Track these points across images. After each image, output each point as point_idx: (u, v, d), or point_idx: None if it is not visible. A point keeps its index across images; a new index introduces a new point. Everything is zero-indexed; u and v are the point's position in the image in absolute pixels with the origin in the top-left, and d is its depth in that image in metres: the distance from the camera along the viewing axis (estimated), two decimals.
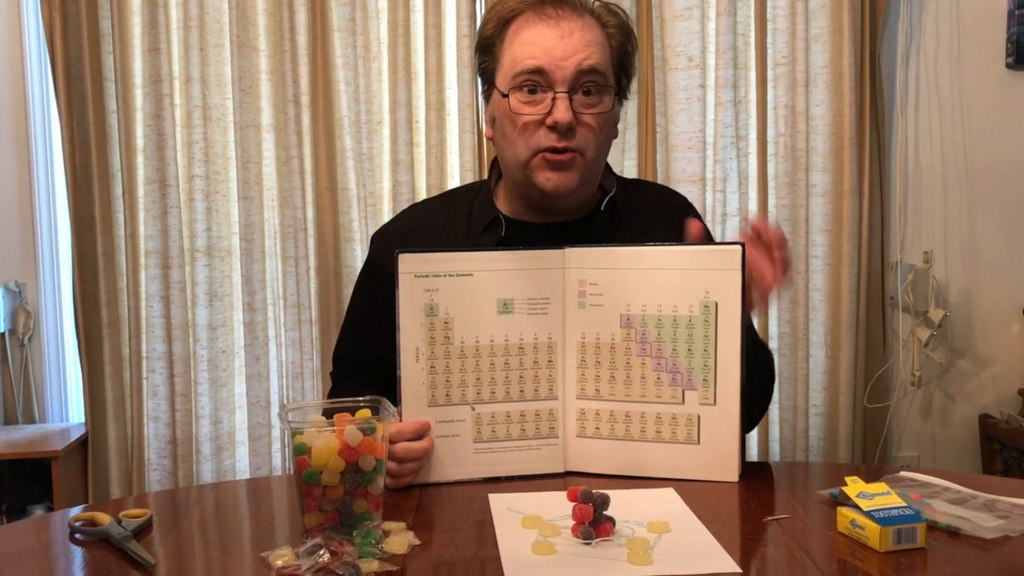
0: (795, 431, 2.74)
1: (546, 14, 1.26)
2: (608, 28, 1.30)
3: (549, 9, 1.27)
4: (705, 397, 1.19)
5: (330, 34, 2.65)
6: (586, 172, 1.31)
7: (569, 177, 1.29)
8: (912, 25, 2.78)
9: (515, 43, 1.28)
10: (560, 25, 1.26)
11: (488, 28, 1.32)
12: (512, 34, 1.29)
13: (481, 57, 1.35)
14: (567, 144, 1.27)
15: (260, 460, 2.72)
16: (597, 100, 1.28)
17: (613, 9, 1.33)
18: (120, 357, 2.71)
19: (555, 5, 1.27)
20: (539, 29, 1.26)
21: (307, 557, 0.90)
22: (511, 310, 1.22)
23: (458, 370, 1.21)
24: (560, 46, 1.25)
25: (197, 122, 2.65)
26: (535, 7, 1.27)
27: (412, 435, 1.17)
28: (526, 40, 1.27)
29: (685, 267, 1.19)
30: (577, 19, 1.27)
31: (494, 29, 1.31)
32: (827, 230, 2.68)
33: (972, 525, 0.99)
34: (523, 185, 1.33)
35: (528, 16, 1.28)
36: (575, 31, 1.26)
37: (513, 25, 1.29)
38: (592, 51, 1.26)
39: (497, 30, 1.31)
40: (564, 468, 1.23)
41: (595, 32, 1.28)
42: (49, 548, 1.02)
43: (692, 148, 2.66)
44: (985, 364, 2.85)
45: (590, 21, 1.29)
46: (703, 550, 0.95)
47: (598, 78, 1.27)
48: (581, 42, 1.26)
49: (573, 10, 1.27)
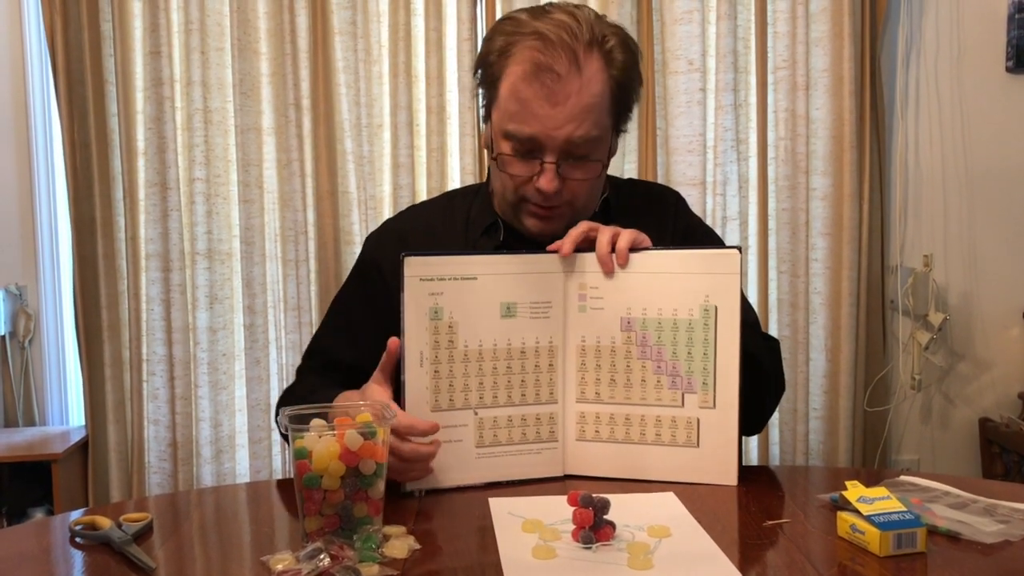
0: (795, 435, 2.74)
1: (547, 67, 1.19)
2: (613, 69, 1.24)
3: (552, 62, 1.19)
4: (704, 400, 1.19)
5: (331, 37, 2.66)
6: (573, 217, 1.28)
7: (554, 224, 1.28)
8: (912, 29, 2.78)
9: (510, 94, 1.23)
10: (556, 89, 1.20)
11: (491, 56, 1.26)
12: (511, 75, 1.22)
13: (482, 76, 1.29)
14: (553, 204, 1.27)
15: (260, 463, 2.72)
16: (586, 163, 1.26)
17: (625, 43, 1.26)
18: (120, 360, 2.72)
19: (558, 58, 1.19)
20: (534, 90, 1.20)
21: (307, 561, 0.90)
22: (514, 314, 1.21)
23: (461, 374, 1.21)
24: (552, 115, 1.21)
25: (198, 125, 2.65)
26: (539, 56, 1.20)
27: (423, 433, 1.14)
28: (519, 97, 1.22)
29: (685, 271, 1.19)
30: (576, 79, 1.20)
31: (496, 59, 1.25)
32: (827, 233, 2.69)
33: (972, 530, 0.99)
34: (509, 214, 1.33)
35: (528, 65, 1.21)
36: (571, 95, 1.20)
37: (513, 64, 1.22)
38: (584, 118, 1.22)
39: (499, 60, 1.24)
40: (564, 472, 1.23)
41: (594, 86, 1.22)
42: (49, 552, 1.02)
43: (692, 152, 2.66)
44: (985, 367, 2.85)
45: (591, 70, 1.21)
46: (703, 555, 0.95)
47: (589, 145, 1.24)
48: (575, 109, 1.21)
49: (573, 64, 1.20)
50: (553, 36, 1.20)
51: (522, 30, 1.22)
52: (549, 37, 1.20)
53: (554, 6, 1.26)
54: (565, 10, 1.24)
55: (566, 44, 1.20)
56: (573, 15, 1.23)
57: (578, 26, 1.21)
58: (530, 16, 1.24)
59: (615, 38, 1.25)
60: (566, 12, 1.23)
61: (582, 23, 1.22)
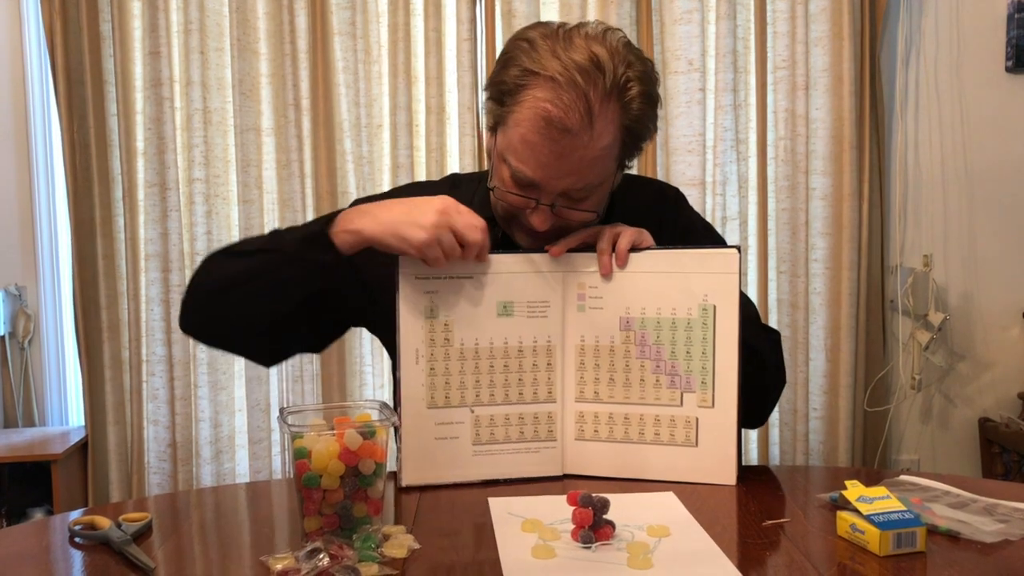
0: (795, 435, 2.74)
1: (558, 122, 1.14)
2: (627, 119, 1.18)
3: (564, 117, 1.13)
4: (703, 400, 1.19)
5: (330, 38, 2.66)
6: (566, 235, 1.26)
7: (546, 243, 1.26)
8: (912, 29, 2.78)
9: (517, 134, 1.17)
10: (564, 143, 1.15)
11: (505, 85, 1.19)
12: (521, 119, 1.16)
13: (492, 93, 1.22)
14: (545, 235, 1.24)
15: (260, 463, 2.72)
16: (583, 203, 1.22)
17: (646, 92, 1.19)
18: (120, 360, 2.72)
19: (571, 112, 1.13)
20: (541, 139, 1.15)
21: (307, 561, 0.90)
22: (511, 313, 1.22)
23: (457, 372, 1.21)
24: (555, 166, 1.16)
25: (197, 125, 2.65)
26: (551, 109, 1.13)
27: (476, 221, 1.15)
28: (526, 140, 1.16)
29: (684, 270, 1.19)
30: (586, 133, 1.14)
31: (510, 89, 1.18)
32: (827, 233, 2.69)
33: (972, 529, 0.99)
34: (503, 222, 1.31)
35: (540, 114, 1.14)
36: (577, 149, 1.15)
37: (524, 108, 1.16)
38: (588, 171, 1.18)
39: (512, 93, 1.17)
40: (562, 471, 1.23)
41: (604, 138, 1.16)
42: (49, 552, 1.02)
43: (692, 151, 2.66)
44: (985, 367, 2.85)
45: (604, 122, 1.15)
46: (703, 554, 0.95)
47: (588, 191, 1.21)
48: (579, 164, 1.16)
49: (586, 117, 1.14)
50: (570, 84, 1.13)
51: (539, 69, 1.15)
52: (565, 86, 1.13)
53: (581, 33, 1.17)
54: (590, 43, 1.16)
55: (582, 93, 1.13)
56: (596, 56, 1.14)
57: (598, 72, 1.14)
58: (551, 47, 1.16)
59: (637, 85, 1.17)
60: (590, 48, 1.15)
61: (604, 66, 1.14)
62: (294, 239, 1.20)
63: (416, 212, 1.14)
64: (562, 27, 1.19)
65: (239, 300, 1.24)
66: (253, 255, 1.23)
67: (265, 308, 1.26)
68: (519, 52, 1.18)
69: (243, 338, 1.32)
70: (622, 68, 1.16)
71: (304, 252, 1.18)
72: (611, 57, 1.15)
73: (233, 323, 1.29)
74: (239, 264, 1.24)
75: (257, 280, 1.22)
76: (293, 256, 1.19)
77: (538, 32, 1.19)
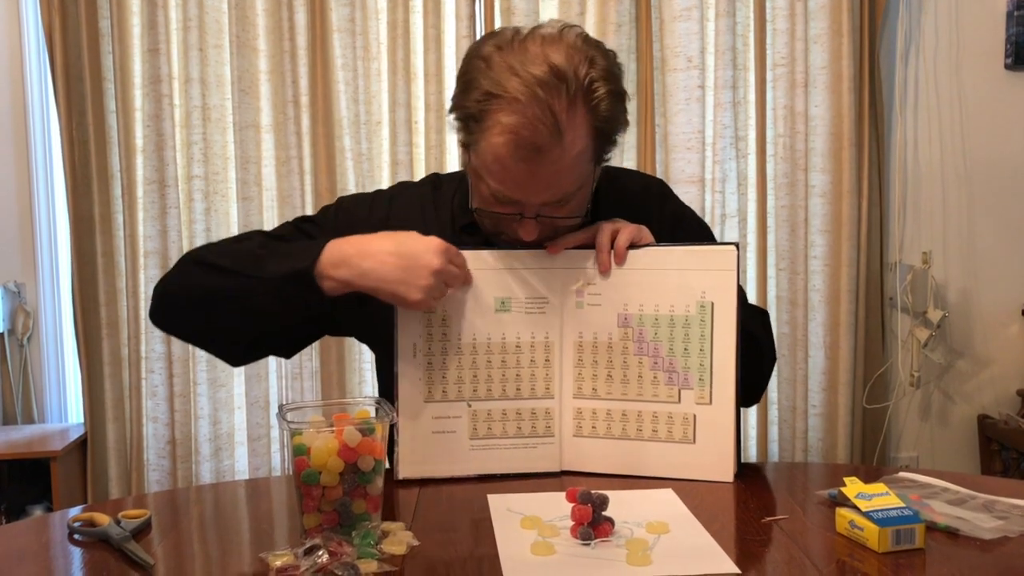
0: (794, 432, 2.74)
1: (527, 144, 1.10)
2: (597, 120, 1.15)
3: (533, 137, 1.10)
4: (701, 396, 1.19)
5: (329, 35, 2.65)
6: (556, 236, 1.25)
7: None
8: (911, 26, 2.78)
9: (491, 157, 1.14)
10: (537, 160, 1.12)
11: (470, 107, 1.15)
12: (491, 143, 1.13)
13: (459, 114, 1.19)
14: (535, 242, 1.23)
15: (259, 460, 2.72)
16: (568, 206, 1.20)
17: (614, 91, 1.16)
18: (119, 357, 2.71)
19: (538, 130, 1.10)
20: (514, 161, 1.12)
21: (306, 558, 0.90)
22: (508, 308, 1.22)
23: (455, 367, 1.21)
24: (532, 183, 1.14)
25: (196, 122, 2.65)
26: (518, 132, 1.10)
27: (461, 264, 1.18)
28: (501, 163, 1.13)
29: (682, 267, 1.20)
30: (557, 146, 1.11)
31: (475, 113, 1.14)
32: (826, 231, 2.69)
33: (971, 526, 0.99)
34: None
35: (508, 138, 1.11)
36: (552, 162, 1.12)
37: (492, 134, 1.12)
38: (564, 179, 1.15)
39: (478, 117, 1.14)
40: (560, 467, 1.23)
41: (577, 144, 1.13)
42: (48, 549, 1.02)
43: (691, 149, 2.66)
44: (984, 364, 2.85)
45: (574, 130, 1.12)
46: (702, 551, 0.95)
47: (569, 196, 1.19)
48: (555, 176, 1.14)
49: (555, 131, 1.10)
50: (533, 100, 1.09)
51: (500, 91, 1.11)
52: (529, 104, 1.09)
53: (536, 38, 1.14)
54: (546, 49, 1.12)
55: (546, 108, 1.09)
56: (554, 66, 1.10)
57: (559, 82, 1.10)
58: (507, 63, 1.12)
59: (603, 85, 1.14)
60: (547, 56, 1.11)
61: (564, 74, 1.10)
62: (277, 274, 1.16)
63: (412, 273, 1.13)
64: (516, 35, 1.15)
65: (210, 315, 1.22)
66: (232, 275, 1.19)
67: (236, 327, 1.24)
68: (477, 74, 1.14)
69: (211, 344, 1.31)
70: (583, 69, 1.12)
71: (286, 289, 1.16)
72: (569, 60, 1.11)
73: (201, 331, 1.28)
74: (216, 280, 1.20)
75: (232, 303, 1.20)
76: (274, 290, 1.16)
77: (492, 46, 1.15)
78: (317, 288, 1.15)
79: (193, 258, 1.26)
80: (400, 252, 1.14)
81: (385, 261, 1.14)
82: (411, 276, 1.13)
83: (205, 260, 1.23)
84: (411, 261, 1.13)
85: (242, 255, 1.21)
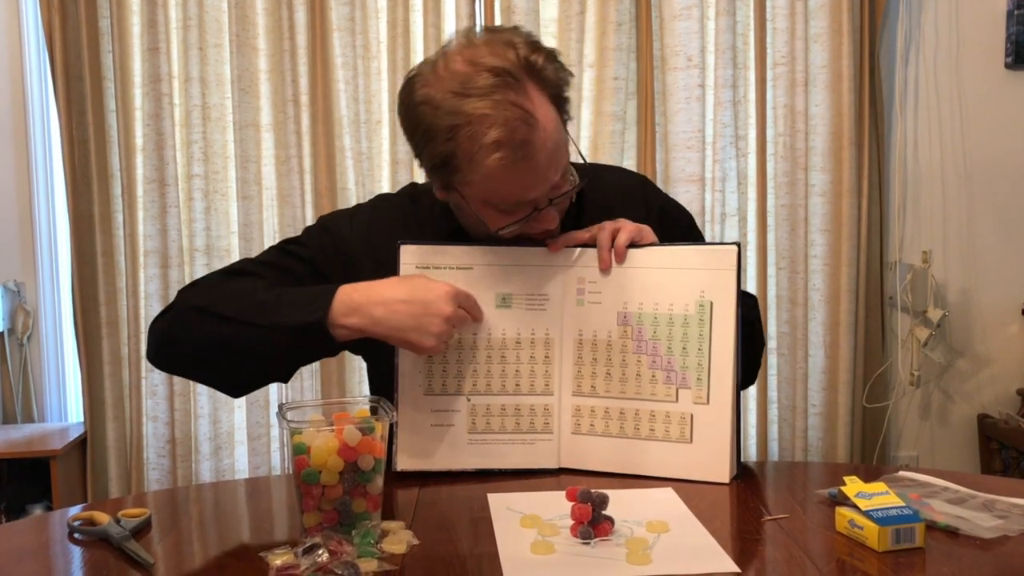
0: (794, 431, 2.74)
1: (517, 143, 1.11)
2: (550, 88, 1.16)
3: (513, 135, 1.10)
4: (698, 396, 1.19)
5: (329, 33, 2.65)
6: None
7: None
8: (911, 25, 2.78)
9: (489, 180, 1.13)
10: (528, 152, 1.12)
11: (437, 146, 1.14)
12: (480, 163, 1.12)
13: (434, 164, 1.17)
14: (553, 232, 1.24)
15: (259, 459, 2.72)
16: (564, 178, 1.21)
17: (546, 53, 1.16)
18: (119, 356, 2.71)
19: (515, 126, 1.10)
20: (514, 166, 1.12)
21: (306, 556, 0.90)
22: (509, 304, 1.22)
23: (455, 361, 1.22)
24: (537, 174, 1.15)
25: (196, 121, 2.65)
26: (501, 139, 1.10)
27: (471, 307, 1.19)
28: (504, 178, 1.13)
29: (682, 266, 1.20)
30: (536, 130, 1.12)
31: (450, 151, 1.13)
32: (826, 230, 2.69)
33: (970, 525, 0.99)
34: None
35: (499, 153, 1.10)
36: (541, 148, 1.13)
37: (479, 163, 1.11)
38: (558, 156, 1.16)
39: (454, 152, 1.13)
40: (558, 464, 1.23)
41: (550, 122, 1.14)
42: (48, 547, 1.02)
43: (691, 148, 2.66)
44: (984, 364, 2.85)
45: (541, 110, 1.13)
46: (702, 550, 0.95)
47: (564, 170, 1.19)
48: (550, 155, 1.14)
49: (531, 120, 1.11)
50: (498, 107, 1.10)
51: (462, 120, 1.11)
52: (498, 112, 1.10)
53: (455, 58, 1.14)
54: (470, 59, 1.13)
55: (511, 105, 1.10)
56: (489, 66, 1.11)
57: (504, 78, 1.11)
58: (449, 91, 1.12)
59: (536, 56, 1.14)
60: (476, 63, 1.12)
61: (503, 67, 1.11)
62: (287, 324, 1.14)
63: (424, 320, 1.13)
64: (435, 67, 1.15)
65: (217, 363, 1.21)
66: (240, 325, 1.16)
67: (242, 372, 1.24)
68: (428, 119, 1.14)
69: (215, 384, 1.29)
70: (512, 54, 1.13)
71: (297, 339, 1.15)
72: (497, 55, 1.12)
73: (206, 375, 1.27)
74: (223, 330, 1.16)
75: (241, 353, 1.17)
76: (287, 340, 1.15)
77: (422, 89, 1.15)
78: (329, 337, 1.14)
79: (194, 305, 1.20)
80: (412, 299, 1.14)
81: (398, 310, 1.14)
82: (424, 323, 1.13)
83: (209, 309, 1.18)
84: (423, 308, 1.13)
85: (248, 303, 1.17)
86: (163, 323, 1.23)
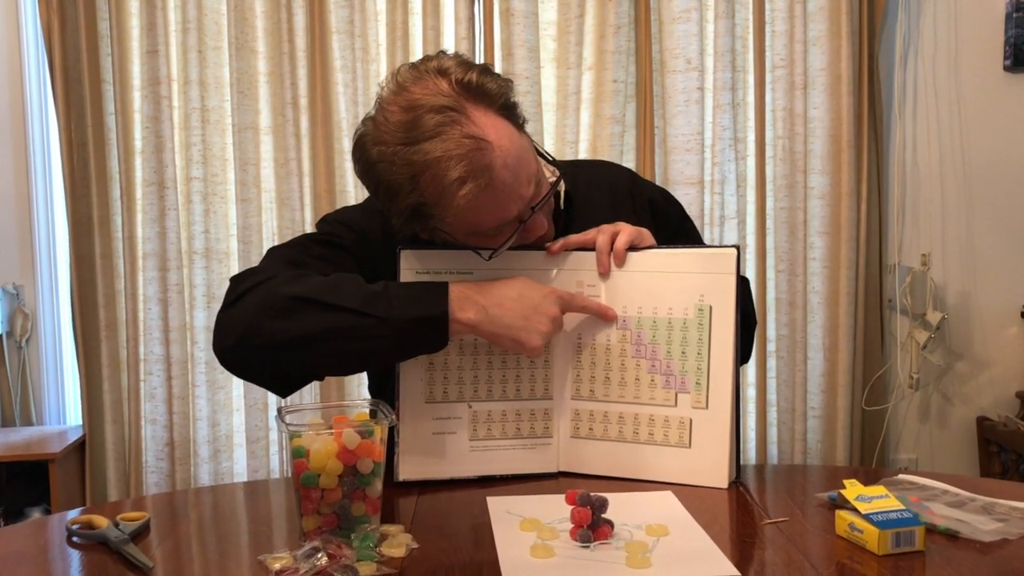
0: (793, 434, 2.74)
1: (476, 171, 1.09)
2: (495, 104, 1.14)
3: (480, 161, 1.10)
4: (697, 401, 1.19)
5: (328, 36, 2.65)
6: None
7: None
8: (910, 28, 2.78)
9: (468, 212, 1.12)
10: (496, 174, 1.11)
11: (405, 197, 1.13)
12: (452, 202, 1.11)
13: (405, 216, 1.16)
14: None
15: (258, 463, 2.72)
16: (540, 182, 1.20)
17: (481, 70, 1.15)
18: (118, 359, 2.71)
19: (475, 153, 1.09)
20: (488, 191, 1.11)
21: (305, 560, 0.90)
22: None
23: (456, 367, 1.21)
24: (510, 193, 1.13)
25: (195, 124, 2.65)
26: (464, 172, 1.09)
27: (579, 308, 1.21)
28: (484, 207, 1.12)
29: (681, 270, 1.19)
30: (494, 149, 1.10)
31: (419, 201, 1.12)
32: (825, 232, 2.69)
33: (970, 528, 0.99)
34: None
35: (463, 184, 1.09)
36: (507, 165, 1.11)
37: (447, 190, 1.10)
38: (525, 165, 1.15)
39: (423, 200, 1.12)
40: (557, 468, 1.23)
41: (504, 134, 1.13)
42: (46, 551, 1.02)
43: (690, 150, 2.66)
44: (983, 366, 2.85)
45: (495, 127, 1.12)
46: (701, 553, 0.95)
47: (537, 175, 1.18)
48: (517, 170, 1.13)
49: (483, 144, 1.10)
50: (452, 143, 1.09)
51: (420, 169, 1.10)
52: (453, 149, 1.09)
53: (396, 101, 1.13)
54: (412, 105, 1.11)
55: (464, 137, 1.09)
56: (431, 107, 1.10)
57: (446, 113, 1.09)
58: (399, 141, 1.11)
59: (472, 74, 1.13)
60: (416, 107, 1.10)
61: (440, 102, 1.10)
62: (404, 316, 1.11)
63: (533, 320, 1.15)
64: (376, 122, 1.14)
65: (306, 357, 1.15)
66: (352, 315, 1.11)
67: (326, 368, 1.21)
68: (387, 175, 1.12)
69: (280, 383, 1.25)
70: (445, 84, 1.11)
71: (417, 332, 1.13)
72: (431, 91, 1.11)
73: (285, 372, 1.21)
74: (330, 318, 1.12)
75: (343, 343, 1.13)
76: (401, 332, 1.12)
77: (374, 147, 1.13)
78: (446, 331, 1.13)
79: (291, 294, 1.14)
80: (522, 298, 1.16)
81: (510, 308, 1.15)
82: (532, 323, 1.15)
83: (313, 297, 1.13)
84: (532, 308, 1.16)
85: (355, 294, 1.13)
86: (244, 314, 1.18)
